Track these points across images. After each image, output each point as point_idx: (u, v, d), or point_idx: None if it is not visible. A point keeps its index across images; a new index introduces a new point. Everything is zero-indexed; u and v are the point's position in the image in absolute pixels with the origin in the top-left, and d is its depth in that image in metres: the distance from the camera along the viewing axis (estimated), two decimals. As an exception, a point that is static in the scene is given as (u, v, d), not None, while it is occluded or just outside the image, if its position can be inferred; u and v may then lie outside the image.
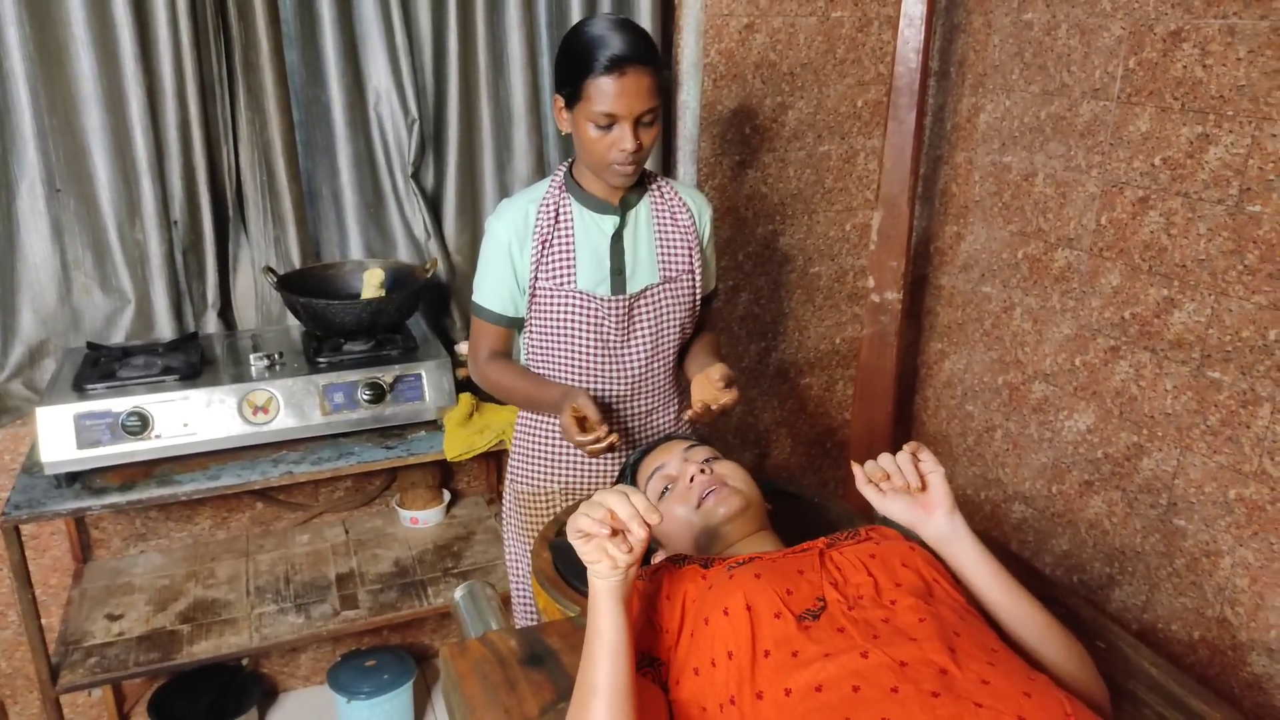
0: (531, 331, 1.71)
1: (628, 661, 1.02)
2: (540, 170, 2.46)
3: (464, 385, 2.19)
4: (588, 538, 1.01)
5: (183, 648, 2.05)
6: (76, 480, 1.93)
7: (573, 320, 1.66)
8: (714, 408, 1.56)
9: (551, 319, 1.67)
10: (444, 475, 2.61)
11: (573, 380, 1.71)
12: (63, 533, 2.31)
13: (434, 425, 2.15)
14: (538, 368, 1.73)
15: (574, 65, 1.50)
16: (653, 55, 1.51)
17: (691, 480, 1.35)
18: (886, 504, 1.19)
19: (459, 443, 2.07)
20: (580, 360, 1.69)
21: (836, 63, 2.58)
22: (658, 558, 1.40)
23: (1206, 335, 2.05)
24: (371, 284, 2.18)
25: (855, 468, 1.20)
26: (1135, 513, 2.28)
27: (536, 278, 1.64)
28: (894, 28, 2.44)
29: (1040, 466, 2.55)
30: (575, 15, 2.36)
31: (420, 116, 2.33)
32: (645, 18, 2.38)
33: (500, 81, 2.38)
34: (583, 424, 1.53)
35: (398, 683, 2.39)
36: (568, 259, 1.64)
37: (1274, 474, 1.95)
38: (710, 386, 1.58)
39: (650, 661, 1.16)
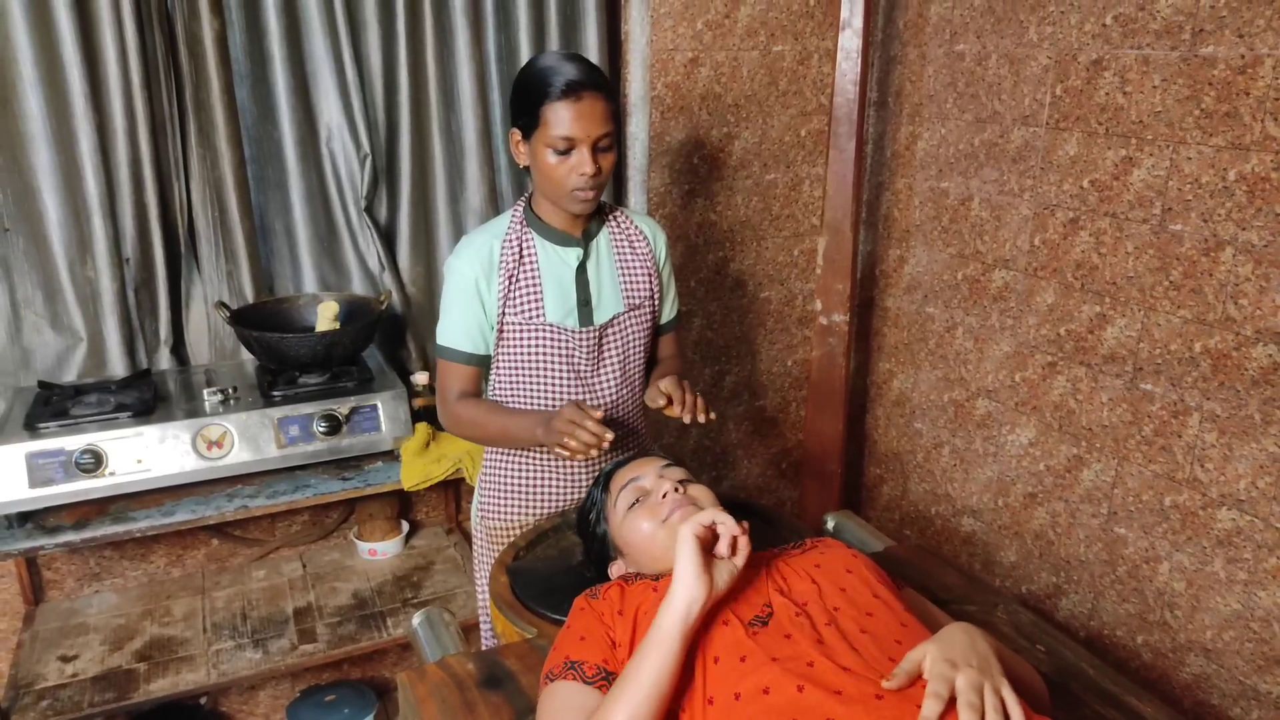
0: (500, 367, 1.71)
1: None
2: (493, 202, 2.50)
3: (420, 415, 2.21)
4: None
5: (139, 686, 2.03)
6: (28, 520, 1.92)
7: (543, 353, 1.68)
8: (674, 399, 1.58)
9: (521, 353, 1.68)
10: (402, 506, 2.61)
11: None
12: (13, 575, 2.28)
13: (391, 455, 2.17)
14: (509, 403, 1.73)
15: (530, 94, 1.54)
16: (605, 82, 1.56)
17: (664, 496, 1.38)
18: None
19: (416, 472, 2.09)
20: (552, 392, 1.70)
21: (779, 94, 2.67)
22: (615, 567, 1.44)
23: (1138, 349, 2.14)
24: (326, 317, 2.20)
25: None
26: (1078, 523, 2.35)
27: (505, 312, 1.65)
28: (833, 60, 2.53)
29: (986, 480, 2.62)
30: (524, 49, 2.41)
31: (372, 150, 2.36)
32: (593, 52, 2.45)
33: (451, 115, 2.42)
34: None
35: (358, 717, 2.38)
36: (534, 292, 1.66)
37: (1204, 480, 2.03)
38: (658, 396, 1.61)
39: (605, 675, 1.19)
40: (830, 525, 1.82)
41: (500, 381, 1.72)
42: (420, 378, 2.36)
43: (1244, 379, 1.92)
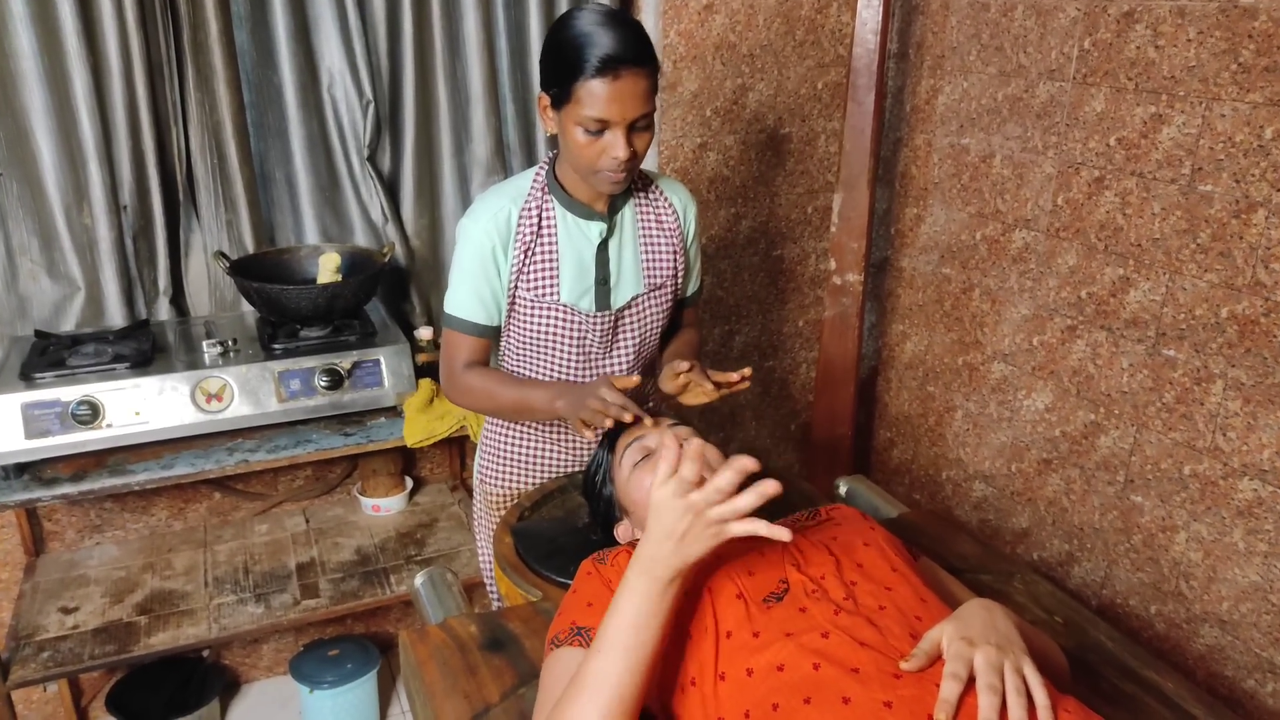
0: (507, 340, 1.63)
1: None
2: (500, 153, 2.44)
3: (424, 370, 2.17)
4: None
5: (140, 640, 2.02)
6: (25, 471, 1.89)
7: (553, 333, 1.58)
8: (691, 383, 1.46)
9: (530, 330, 1.58)
10: (406, 462, 2.58)
11: None
12: (14, 525, 2.26)
13: (394, 411, 2.13)
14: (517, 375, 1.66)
15: (562, 64, 1.37)
16: (649, 54, 1.39)
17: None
18: None
19: (419, 429, 2.05)
20: (561, 371, 1.62)
21: (796, 44, 2.58)
22: (621, 528, 1.40)
23: (1161, 314, 2.08)
24: (327, 269, 2.15)
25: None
26: (1093, 490, 2.31)
27: (517, 287, 1.55)
28: (852, 9, 2.44)
29: (1000, 445, 2.57)
30: (533, -6, 2.33)
31: (375, 98, 2.29)
32: (604, -2, 2.36)
33: (457, 62, 2.35)
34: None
35: (361, 672, 2.37)
36: (550, 269, 1.54)
37: (1226, 449, 1.98)
38: (671, 381, 1.49)
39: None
40: (843, 490, 1.77)
41: (506, 354, 1.65)
42: (424, 332, 2.31)
43: (1272, 346, 1.87)
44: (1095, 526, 2.32)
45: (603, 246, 1.56)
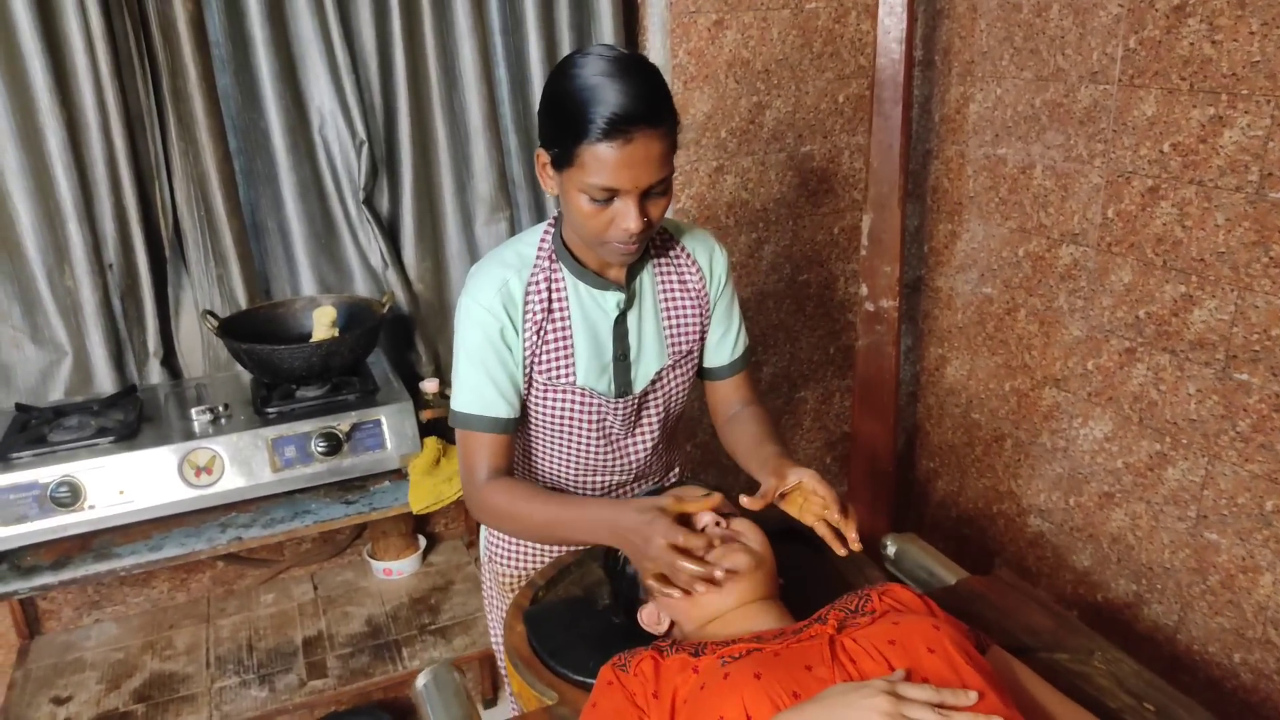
0: (522, 421, 1.43)
1: None
2: (504, 189, 2.29)
3: (429, 429, 2.02)
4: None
5: (135, 733, 1.88)
6: (2, 560, 1.75)
7: (571, 417, 1.39)
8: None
9: (545, 415, 1.39)
10: (418, 521, 2.43)
11: (570, 476, 1.46)
12: (4, 605, 2.13)
13: (398, 474, 1.98)
14: (531, 464, 1.49)
15: (563, 122, 1.16)
16: (665, 111, 1.17)
17: (703, 529, 1.18)
18: None
19: (425, 493, 1.90)
20: (578, 457, 1.44)
21: (814, 57, 2.42)
22: (646, 612, 1.24)
23: (1231, 334, 1.89)
24: (322, 323, 2.01)
25: None
26: (1162, 526, 2.11)
27: (532, 370, 1.35)
28: (873, 17, 2.27)
29: (1055, 478, 2.38)
30: (531, 18, 2.19)
31: (369, 137, 2.16)
32: (606, 17, 2.22)
33: (454, 95, 2.21)
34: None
35: (377, 749, 2.22)
36: (565, 349, 1.35)
37: (1314, 482, 1.79)
38: (818, 513, 1.23)
39: (640, 770, 0.99)
40: (891, 551, 1.60)
41: (519, 440, 1.47)
42: (430, 385, 2.17)
43: (1363, 368, 1.67)
44: (1166, 565, 2.12)
45: (620, 319, 1.36)
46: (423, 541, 2.41)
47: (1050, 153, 2.24)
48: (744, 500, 1.18)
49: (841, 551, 1.20)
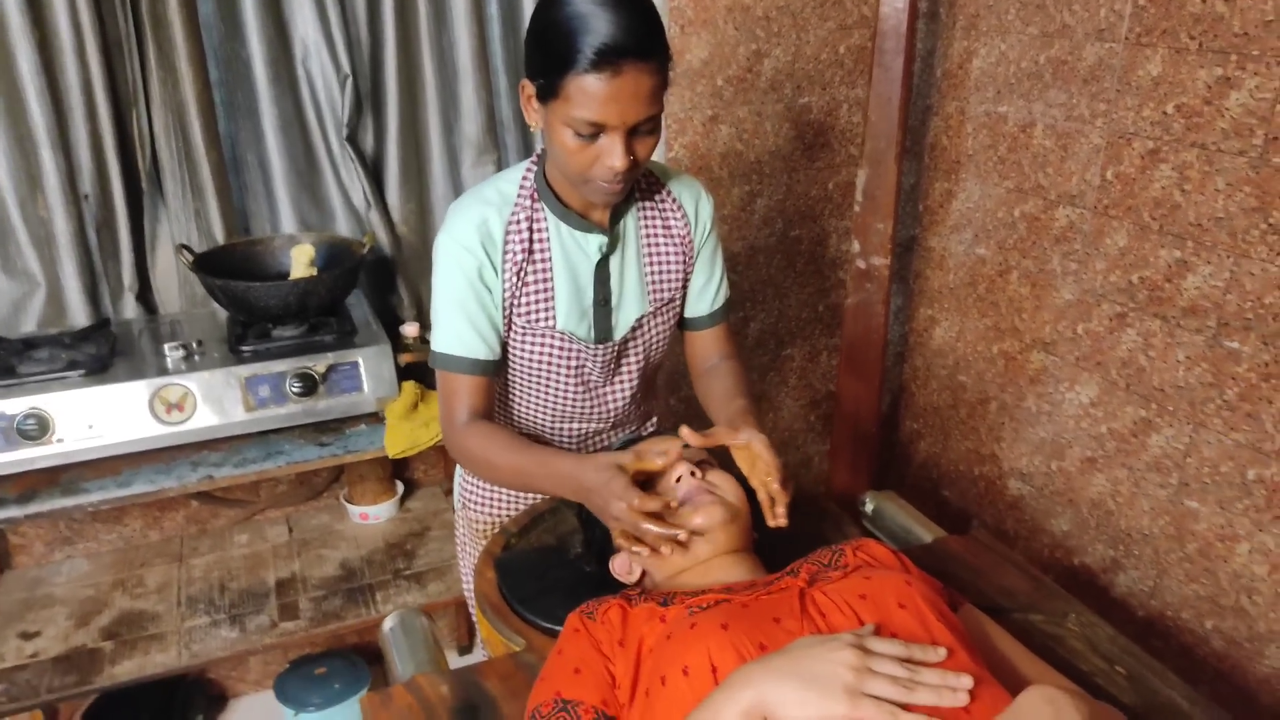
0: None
1: None
2: (492, 130, 2.23)
3: (407, 372, 1.99)
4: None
5: (103, 669, 1.87)
6: (-32, 492, 1.73)
7: (549, 362, 1.36)
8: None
9: (523, 359, 1.37)
10: (397, 465, 2.41)
11: (546, 422, 1.44)
12: (-25, 541, 2.11)
13: (374, 418, 1.95)
14: (503, 407, 1.46)
15: (549, 52, 1.12)
16: (657, 44, 1.12)
17: (678, 480, 1.16)
18: None
19: (401, 438, 1.88)
20: (555, 403, 1.42)
21: (816, 5, 2.35)
22: (618, 561, 1.22)
23: (1224, 301, 1.86)
24: (301, 262, 1.96)
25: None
26: (1142, 492, 2.10)
27: (512, 312, 1.32)
28: (878, -36, 2.21)
29: (1038, 441, 2.37)
30: (523, -45, 2.12)
31: (354, 72, 2.09)
32: (602, -43, 2.14)
33: (443, 31, 2.14)
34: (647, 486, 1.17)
35: (349, 692, 2.21)
36: (545, 293, 1.31)
37: (1298, 453, 1.78)
38: (762, 478, 1.20)
39: (604, 718, 0.98)
40: (869, 508, 1.58)
41: (497, 383, 1.43)
42: (410, 329, 2.13)
43: (1356, 340, 1.65)
44: (1144, 532, 2.12)
45: (602, 263, 1.33)
46: (400, 487, 2.38)
47: (1052, 111, 2.19)
48: (683, 431, 1.15)
49: (770, 523, 1.18)
